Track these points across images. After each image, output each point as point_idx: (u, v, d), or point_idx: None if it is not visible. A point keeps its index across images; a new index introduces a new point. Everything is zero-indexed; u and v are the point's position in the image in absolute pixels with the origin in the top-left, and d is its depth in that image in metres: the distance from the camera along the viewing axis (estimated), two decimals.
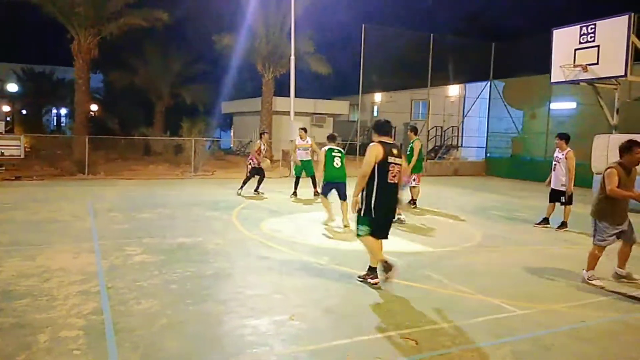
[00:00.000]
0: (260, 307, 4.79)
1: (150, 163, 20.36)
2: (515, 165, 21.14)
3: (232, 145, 31.03)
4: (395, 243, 7.74)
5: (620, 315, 4.89)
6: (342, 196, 8.85)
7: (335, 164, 8.79)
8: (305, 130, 12.90)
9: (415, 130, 10.91)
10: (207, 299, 4.96)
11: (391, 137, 5.58)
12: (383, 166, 5.27)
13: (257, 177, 12.61)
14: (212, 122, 31.06)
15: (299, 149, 12.66)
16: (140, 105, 29.85)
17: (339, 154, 8.95)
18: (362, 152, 24.06)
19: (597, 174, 12.96)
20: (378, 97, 32.35)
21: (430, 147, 25.86)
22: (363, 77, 21.19)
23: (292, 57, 18.65)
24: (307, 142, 12.66)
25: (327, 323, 4.48)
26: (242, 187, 12.50)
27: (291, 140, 20.79)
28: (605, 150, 12.71)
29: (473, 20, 37.94)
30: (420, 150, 10.71)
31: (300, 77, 24.46)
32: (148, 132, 24.85)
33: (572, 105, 19.62)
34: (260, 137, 12.84)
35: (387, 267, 5.36)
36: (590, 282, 5.84)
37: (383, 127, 5.51)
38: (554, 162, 9.17)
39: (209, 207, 10.65)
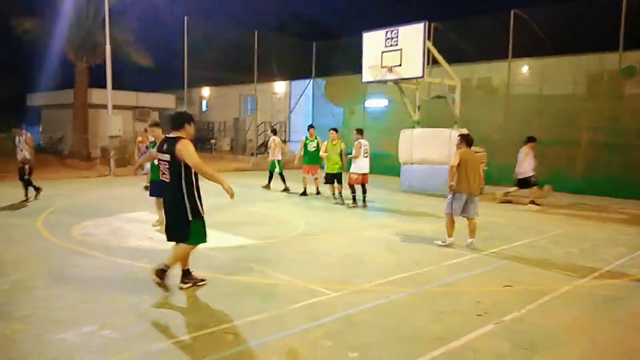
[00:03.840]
0: (66, 320, 4.36)
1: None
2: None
3: (41, 142, 27.56)
4: (220, 238, 7.73)
5: (416, 289, 5.55)
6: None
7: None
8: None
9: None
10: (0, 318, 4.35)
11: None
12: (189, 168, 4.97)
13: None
14: (13, 116, 27.18)
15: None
16: None
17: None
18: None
19: (403, 163, 14.56)
20: (206, 91, 31.75)
21: (260, 142, 26.25)
22: (188, 70, 20.63)
23: (108, 46, 17.27)
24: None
25: (142, 329, 4.26)
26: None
27: (115, 136, 19.34)
28: (409, 143, 14.32)
29: (295, 19, 39.38)
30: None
31: (121, 69, 22.79)
32: None
33: (385, 102, 21.60)
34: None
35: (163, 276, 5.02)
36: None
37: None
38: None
39: (9, 214, 9.37)
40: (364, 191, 11.33)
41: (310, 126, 13.64)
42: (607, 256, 7.30)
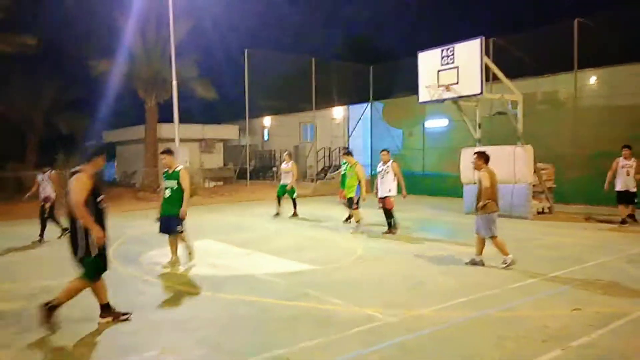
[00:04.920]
0: (128, 345, 4.55)
1: (23, 201, 18.55)
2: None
3: (116, 177, 29.37)
4: (277, 263, 7.83)
5: (477, 313, 5.33)
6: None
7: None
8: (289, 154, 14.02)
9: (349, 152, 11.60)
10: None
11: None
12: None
13: None
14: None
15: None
16: (9, 136, 27.21)
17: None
18: (254, 177, 23.95)
19: (465, 184, 14.15)
20: (267, 120, 32.64)
21: (320, 167, 26.52)
22: (249, 101, 21.35)
23: (174, 82, 18.24)
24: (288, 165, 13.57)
25: (201, 353, 4.36)
26: None
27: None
28: (471, 162, 13.93)
29: (352, 44, 39.86)
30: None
31: (186, 102, 24.00)
32: (20, 166, 22.74)
33: (444, 122, 21.25)
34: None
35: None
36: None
37: None
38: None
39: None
40: (387, 216, 10.57)
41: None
42: None
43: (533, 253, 8.52)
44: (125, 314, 5.27)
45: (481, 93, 12.94)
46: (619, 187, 10.99)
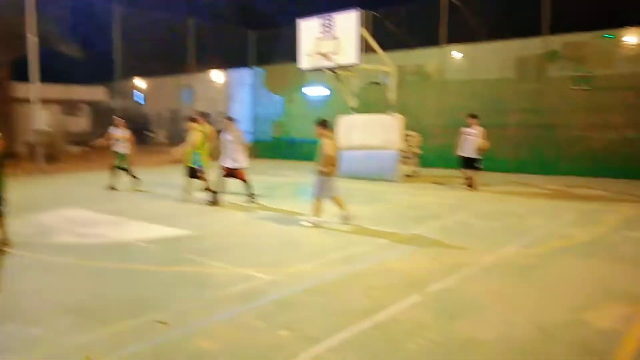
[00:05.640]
0: None
1: None
2: (277, 146, 22.74)
3: None
4: (154, 229, 7.62)
5: (348, 267, 5.70)
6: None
7: None
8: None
9: (204, 115, 10.93)
10: None
11: None
12: None
13: None
14: None
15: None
16: None
17: None
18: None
19: (342, 149, 14.75)
20: (141, 82, 30.76)
21: None
22: (122, 61, 20.00)
23: (31, 36, 16.35)
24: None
25: (68, 322, 4.16)
26: None
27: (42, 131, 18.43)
28: (347, 129, 14.56)
29: (231, 6, 38.62)
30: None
31: (49, 60, 21.64)
32: None
33: (323, 90, 21.75)
34: None
35: None
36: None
37: None
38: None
39: None
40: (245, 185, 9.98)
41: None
42: (528, 228, 7.78)
43: (400, 212, 9.26)
44: None
45: (357, 63, 13.46)
46: (462, 152, 11.98)
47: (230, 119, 10.19)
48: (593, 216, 8.79)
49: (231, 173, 9.84)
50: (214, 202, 9.63)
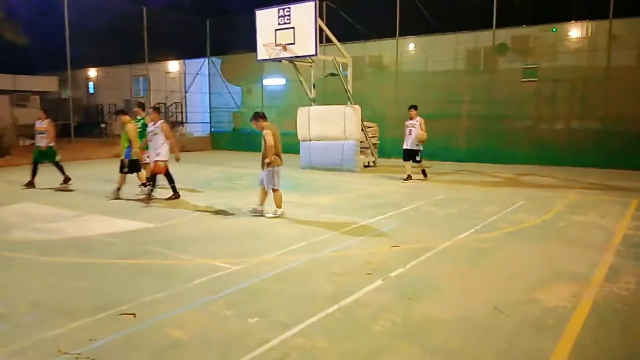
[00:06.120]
0: None
1: None
2: (236, 138, 22.62)
3: None
4: (114, 224, 7.54)
5: (313, 255, 5.87)
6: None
7: None
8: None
9: (142, 106, 10.57)
10: None
11: None
12: None
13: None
14: None
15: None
16: None
17: None
18: (78, 134, 21.73)
19: (302, 140, 14.90)
20: (93, 72, 29.82)
21: None
22: (73, 50, 19.30)
23: None
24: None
25: (36, 317, 4.14)
26: None
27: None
28: (306, 121, 14.69)
29: None
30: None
31: None
32: None
33: (282, 81, 21.75)
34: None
35: None
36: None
37: None
38: None
39: None
40: (152, 180, 9.35)
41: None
42: (481, 214, 8.17)
43: (360, 201, 9.50)
44: None
45: (315, 54, 13.55)
46: (404, 145, 11.94)
47: (155, 109, 9.55)
48: (542, 202, 9.31)
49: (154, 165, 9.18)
50: (149, 197, 9.17)
